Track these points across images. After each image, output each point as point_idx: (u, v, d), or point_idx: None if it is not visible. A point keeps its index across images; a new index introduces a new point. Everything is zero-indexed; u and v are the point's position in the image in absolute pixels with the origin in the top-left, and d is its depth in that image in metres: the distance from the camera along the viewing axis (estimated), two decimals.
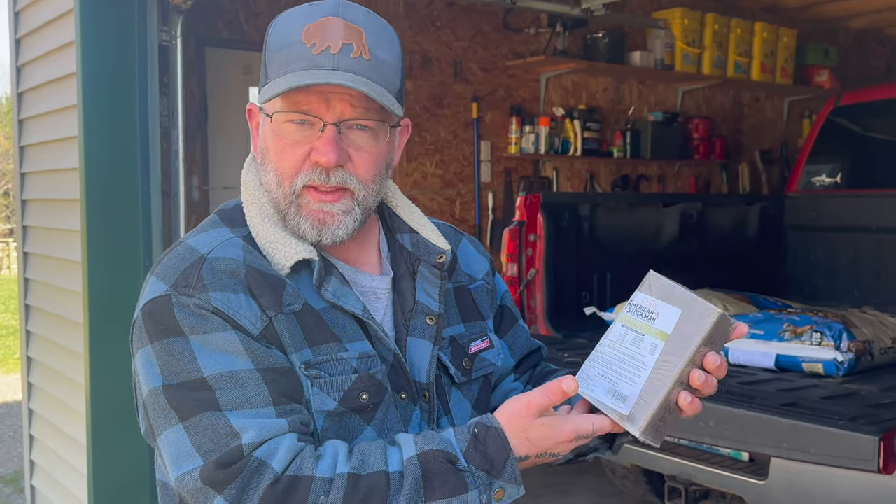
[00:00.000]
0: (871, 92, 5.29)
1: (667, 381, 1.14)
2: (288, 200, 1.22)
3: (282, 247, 1.21)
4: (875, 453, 2.66)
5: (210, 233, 1.24)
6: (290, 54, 1.19)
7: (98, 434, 3.47)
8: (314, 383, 1.16)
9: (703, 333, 1.14)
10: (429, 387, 1.27)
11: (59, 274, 3.97)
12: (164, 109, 3.71)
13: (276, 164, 1.22)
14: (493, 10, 5.73)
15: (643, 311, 1.18)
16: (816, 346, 3.50)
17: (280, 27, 1.23)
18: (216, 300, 1.14)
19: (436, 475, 1.08)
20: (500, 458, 1.11)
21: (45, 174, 4.18)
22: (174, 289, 1.16)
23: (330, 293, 1.21)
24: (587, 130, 6.07)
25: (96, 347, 3.45)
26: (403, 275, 1.32)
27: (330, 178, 1.20)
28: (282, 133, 1.21)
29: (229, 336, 1.13)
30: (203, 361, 1.11)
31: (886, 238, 4.80)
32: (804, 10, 6.89)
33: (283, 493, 1.05)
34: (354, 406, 1.18)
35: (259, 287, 1.17)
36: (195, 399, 1.10)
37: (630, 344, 1.18)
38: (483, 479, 1.10)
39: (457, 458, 1.10)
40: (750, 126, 7.26)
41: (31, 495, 4.58)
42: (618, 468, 4.36)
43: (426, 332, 1.28)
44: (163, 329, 1.14)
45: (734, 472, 3.21)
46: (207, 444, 1.08)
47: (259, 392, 1.11)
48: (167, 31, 3.63)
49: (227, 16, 4.85)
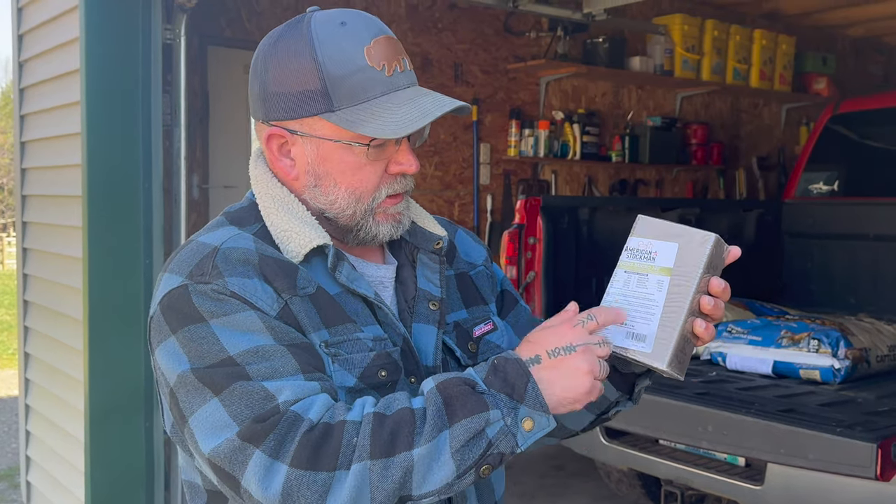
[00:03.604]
0: (870, 100, 5.32)
1: (681, 312, 1.17)
2: (367, 212, 1.28)
3: (296, 235, 1.24)
4: (872, 460, 2.68)
5: (219, 230, 1.26)
6: (363, 80, 1.22)
7: (96, 430, 3.47)
8: (334, 360, 1.20)
9: (704, 260, 1.18)
10: (436, 370, 1.29)
11: (58, 270, 3.97)
12: (167, 107, 3.72)
13: (353, 184, 1.26)
14: (495, 14, 5.74)
15: (641, 254, 1.21)
16: (814, 353, 3.53)
17: (334, 55, 1.22)
18: (232, 285, 1.16)
19: (455, 398, 1.10)
20: (520, 381, 1.11)
21: (46, 170, 4.18)
22: (189, 279, 1.18)
23: (344, 277, 1.25)
24: (586, 134, 6.09)
25: (96, 344, 3.44)
26: (404, 264, 1.36)
27: (408, 184, 1.30)
28: (360, 153, 1.25)
29: (249, 315, 1.15)
30: (227, 342, 1.13)
31: (883, 246, 4.82)
32: (803, 18, 6.93)
33: (318, 439, 1.08)
34: (373, 383, 1.22)
35: (272, 273, 1.19)
36: (226, 373, 1.12)
37: (636, 286, 1.20)
38: (504, 400, 1.10)
39: (475, 382, 1.12)
40: (748, 132, 7.29)
41: (26, 491, 4.58)
42: (613, 472, 4.38)
43: (430, 317, 1.32)
44: (183, 318, 1.16)
45: (730, 477, 3.23)
46: (244, 411, 1.10)
47: (286, 362, 1.13)
48: (171, 29, 3.64)
49: (230, 14, 4.86)
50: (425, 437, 1.08)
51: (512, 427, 1.10)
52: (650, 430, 3.42)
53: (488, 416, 1.09)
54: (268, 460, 1.07)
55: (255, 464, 1.07)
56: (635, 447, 3.53)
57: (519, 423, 1.10)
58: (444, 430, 1.08)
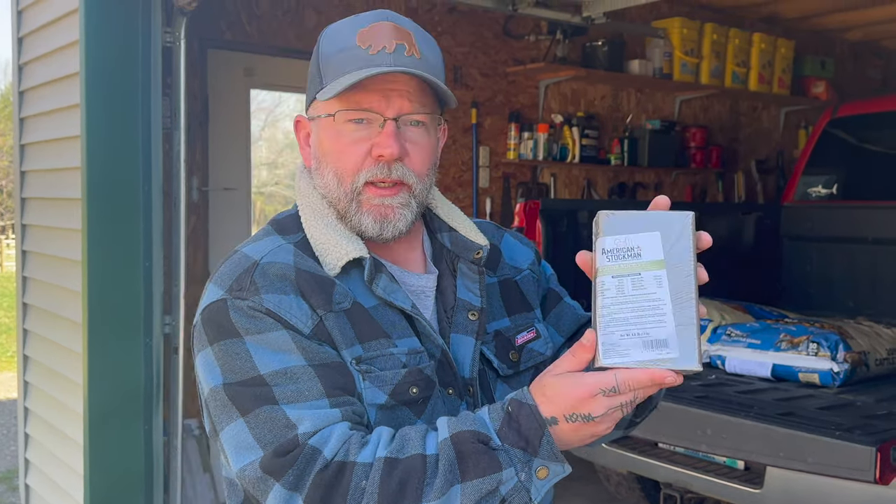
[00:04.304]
0: (868, 104, 5.33)
1: (691, 302, 1.09)
2: (349, 198, 1.27)
3: (334, 248, 1.26)
4: (871, 464, 2.68)
5: (263, 241, 1.29)
6: (346, 57, 1.24)
7: (95, 434, 3.47)
8: (365, 377, 1.21)
9: (692, 239, 1.11)
10: (472, 381, 1.30)
11: (58, 273, 3.97)
12: (167, 110, 3.72)
13: (337, 164, 1.27)
14: (494, 17, 5.75)
15: (623, 253, 1.11)
16: (813, 356, 3.53)
17: (331, 35, 1.29)
18: (268, 302, 1.19)
19: (468, 455, 1.08)
20: (534, 434, 1.09)
21: (45, 173, 4.18)
22: (229, 293, 1.22)
23: (381, 289, 1.26)
24: (585, 137, 6.09)
25: (95, 347, 3.44)
26: (444, 273, 1.36)
27: (391, 172, 1.25)
28: (343, 131, 1.26)
29: (282, 335, 1.18)
30: (259, 360, 1.17)
31: (882, 249, 4.83)
32: (802, 22, 6.93)
33: (330, 479, 1.10)
34: (405, 399, 1.23)
35: (309, 288, 1.22)
36: (254, 395, 1.16)
37: (633, 289, 1.10)
38: (519, 456, 1.09)
39: (489, 438, 1.10)
40: (746, 136, 7.30)
41: (25, 494, 4.58)
42: (612, 475, 4.38)
43: (468, 327, 1.32)
44: (220, 331, 1.20)
45: (730, 481, 3.23)
46: (267, 435, 1.13)
47: (312, 385, 1.16)
48: (171, 32, 3.64)
49: (230, 17, 4.86)
50: (436, 492, 1.08)
51: (526, 482, 1.09)
52: (649, 434, 3.42)
53: (502, 475, 1.08)
54: (287, 493, 1.11)
55: (275, 495, 1.12)
56: (634, 450, 3.53)
57: (533, 475, 1.10)
58: (455, 485, 1.08)
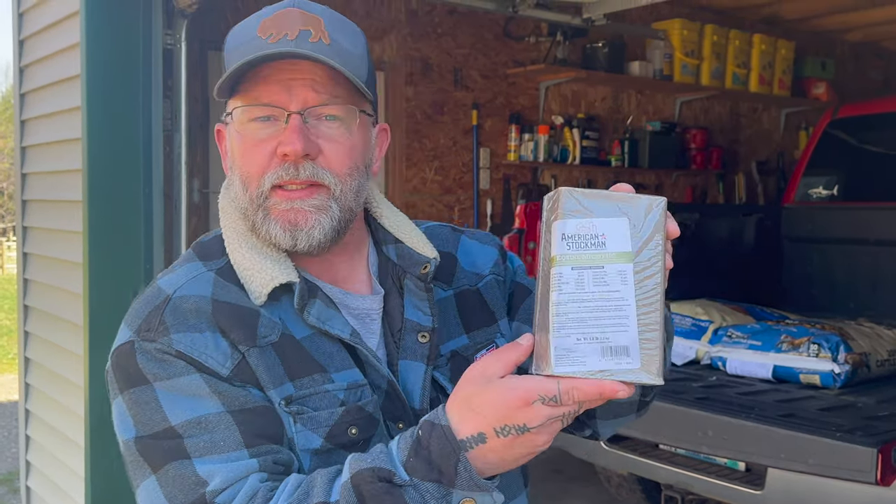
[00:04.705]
0: (869, 105, 5.33)
1: (657, 303, 0.93)
2: (255, 205, 1.11)
3: (258, 273, 1.11)
4: (873, 465, 2.68)
5: (180, 270, 1.16)
6: (245, 49, 1.08)
7: (96, 436, 3.47)
8: (297, 420, 1.08)
9: (662, 229, 0.95)
10: (424, 412, 1.12)
11: (59, 275, 3.97)
12: (168, 113, 3.73)
13: (242, 168, 1.12)
14: (495, 18, 5.75)
15: (586, 240, 0.93)
16: (814, 357, 3.53)
17: (236, 30, 1.15)
18: (178, 343, 1.07)
19: (370, 499, 0.95)
20: (447, 462, 0.94)
21: (46, 175, 4.18)
22: (137, 334, 1.10)
23: (314, 317, 1.11)
24: (586, 139, 6.09)
25: (96, 349, 3.45)
26: (391, 291, 1.20)
27: (299, 173, 1.09)
28: (245, 132, 1.11)
29: (194, 379, 1.06)
30: (169, 409, 1.06)
31: (883, 250, 4.83)
32: (802, 23, 6.94)
33: None
34: (342, 442, 1.09)
35: (228, 322, 1.08)
36: (164, 448, 1.05)
37: (594, 285, 0.92)
38: (432, 491, 0.94)
39: (392, 473, 0.96)
40: (747, 137, 7.30)
41: (26, 496, 4.58)
42: (613, 476, 4.37)
43: (418, 351, 1.17)
44: (128, 378, 1.09)
45: (731, 482, 3.23)
46: (178, 495, 1.04)
47: (229, 435, 1.05)
48: (171, 34, 3.65)
49: (231, 19, 4.86)
50: None
51: None
52: (650, 435, 3.43)
53: None
54: None
55: None
56: (635, 452, 3.53)
57: None
58: None
